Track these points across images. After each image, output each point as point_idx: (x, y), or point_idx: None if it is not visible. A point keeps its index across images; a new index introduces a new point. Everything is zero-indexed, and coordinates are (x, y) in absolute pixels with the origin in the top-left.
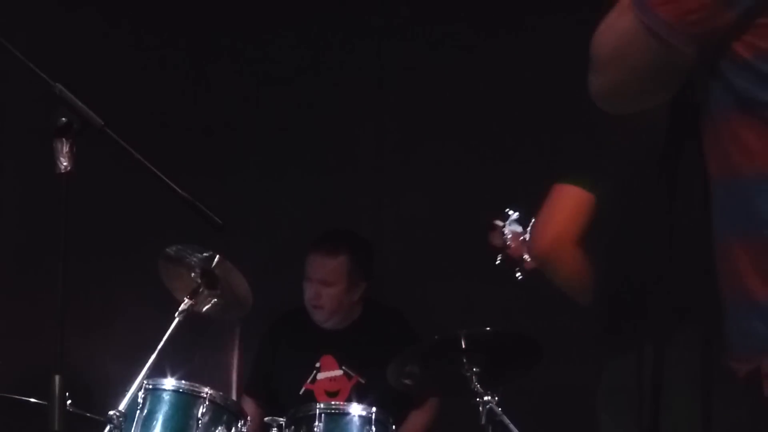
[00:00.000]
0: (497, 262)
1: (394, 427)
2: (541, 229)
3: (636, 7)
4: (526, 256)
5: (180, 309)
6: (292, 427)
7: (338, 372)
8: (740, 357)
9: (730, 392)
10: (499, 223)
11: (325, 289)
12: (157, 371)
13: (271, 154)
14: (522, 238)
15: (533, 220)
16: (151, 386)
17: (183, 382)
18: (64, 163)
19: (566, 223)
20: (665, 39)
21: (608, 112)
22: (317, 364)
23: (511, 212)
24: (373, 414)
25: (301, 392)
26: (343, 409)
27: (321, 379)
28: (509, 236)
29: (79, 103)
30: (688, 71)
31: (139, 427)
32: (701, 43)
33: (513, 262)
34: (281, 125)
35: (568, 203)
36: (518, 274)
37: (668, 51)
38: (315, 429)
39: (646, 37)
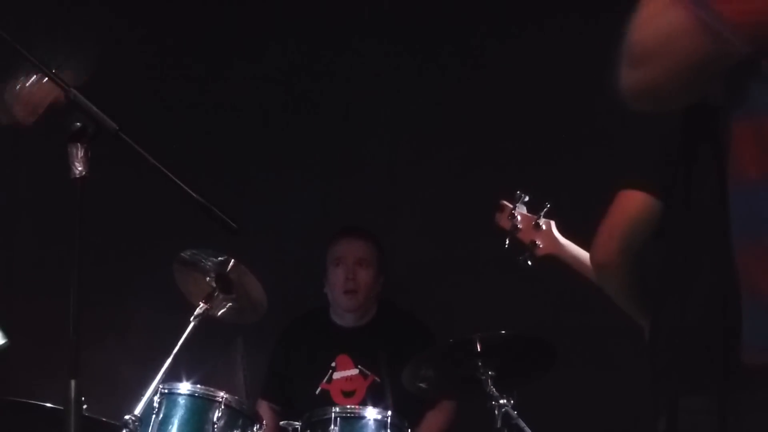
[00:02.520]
0: (506, 246)
1: (409, 429)
2: (607, 238)
3: (690, 1)
4: (538, 242)
5: (195, 313)
6: (308, 431)
7: (354, 371)
8: (753, 352)
9: None
10: (509, 204)
11: (361, 270)
12: (173, 375)
13: (286, 157)
14: (533, 222)
15: (547, 206)
16: (166, 390)
17: (198, 386)
18: (78, 167)
19: (633, 233)
20: (724, 37)
21: (638, 110)
22: (333, 364)
23: (521, 194)
24: (389, 418)
25: (317, 392)
26: (359, 413)
27: (337, 379)
28: (519, 219)
29: (94, 108)
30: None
31: None
32: (761, 44)
33: (522, 246)
34: (295, 129)
35: (636, 211)
36: (528, 261)
37: (723, 50)
38: None
39: (700, 33)
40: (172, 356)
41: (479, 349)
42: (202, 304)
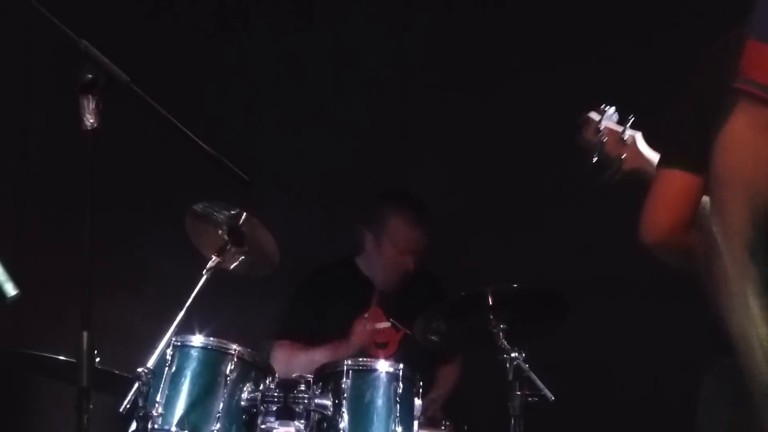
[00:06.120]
0: (593, 161)
1: (421, 383)
2: (652, 220)
3: None
4: (624, 156)
5: (207, 266)
6: (320, 383)
7: (386, 324)
8: None
9: None
10: (595, 116)
11: (416, 257)
12: (185, 328)
13: (298, 107)
14: (619, 136)
15: (631, 118)
16: (179, 343)
17: (211, 338)
18: (90, 119)
19: (677, 212)
20: None
21: None
22: (366, 315)
23: (607, 108)
24: (401, 370)
25: None
26: (371, 366)
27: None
28: (605, 132)
29: (105, 60)
30: None
31: (168, 384)
32: None
33: (609, 161)
34: (307, 78)
35: (676, 190)
36: (616, 176)
37: None
38: (342, 385)
39: None
40: (184, 309)
41: (491, 303)
42: (214, 257)
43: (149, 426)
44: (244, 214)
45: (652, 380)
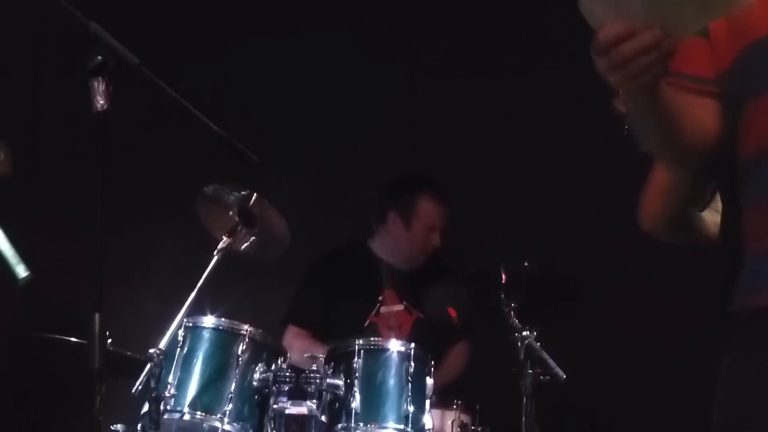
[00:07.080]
0: (625, 132)
1: (432, 362)
2: (650, 208)
3: None
4: None
5: (218, 247)
6: (332, 363)
7: (399, 307)
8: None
9: None
10: None
11: (439, 234)
12: (197, 309)
13: (308, 90)
14: None
15: None
16: (191, 324)
17: (223, 319)
18: (100, 101)
19: (671, 202)
20: None
21: None
22: (380, 298)
23: None
24: (412, 350)
25: (366, 325)
26: (382, 345)
27: (384, 313)
28: None
29: (115, 42)
30: None
31: (180, 365)
32: None
33: None
34: (317, 62)
35: (669, 183)
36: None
37: None
38: (354, 365)
39: None
40: (196, 290)
41: (503, 281)
42: (225, 239)
43: (161, 407)
44: (255, 195)
45: (664, 360)
